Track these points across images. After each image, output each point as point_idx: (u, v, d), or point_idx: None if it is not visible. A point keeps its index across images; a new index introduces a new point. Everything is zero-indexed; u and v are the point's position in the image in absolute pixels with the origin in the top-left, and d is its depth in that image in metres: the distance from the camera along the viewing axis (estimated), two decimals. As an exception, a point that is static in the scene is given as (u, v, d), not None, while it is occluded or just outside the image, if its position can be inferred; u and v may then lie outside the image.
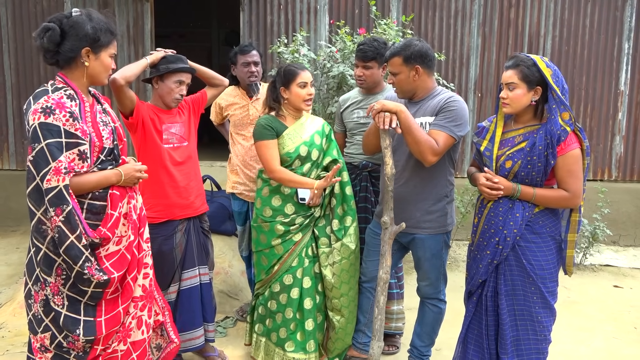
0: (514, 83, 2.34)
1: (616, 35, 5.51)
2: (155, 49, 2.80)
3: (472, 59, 5.55)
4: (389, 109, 2.46)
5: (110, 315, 2.05)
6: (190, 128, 2.86)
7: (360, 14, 5.44)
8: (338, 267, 2.83)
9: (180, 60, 2.72)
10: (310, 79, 2.77)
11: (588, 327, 3.75)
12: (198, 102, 2.93)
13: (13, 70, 5.51)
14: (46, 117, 1.89)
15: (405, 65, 2.59)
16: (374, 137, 2.65)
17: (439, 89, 2.71)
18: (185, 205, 2.80)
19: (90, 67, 2.02)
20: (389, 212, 2.50)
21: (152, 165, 2.68)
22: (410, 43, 2.62)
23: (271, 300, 2.85)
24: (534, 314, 2.43)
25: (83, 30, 1.97)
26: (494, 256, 2.43)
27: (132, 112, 2.66)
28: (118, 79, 2.53)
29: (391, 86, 2.81)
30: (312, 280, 2.85)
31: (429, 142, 2.50)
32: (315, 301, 2.86)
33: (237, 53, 3.33)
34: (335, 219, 2.85)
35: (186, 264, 2.83)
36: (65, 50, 1.99)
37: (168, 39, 7.20)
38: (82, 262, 1.92)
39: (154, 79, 2.73)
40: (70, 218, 1.89)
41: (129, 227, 2.11)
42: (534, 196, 2.35)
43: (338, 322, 2.91)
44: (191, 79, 2.81)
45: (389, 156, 2.48)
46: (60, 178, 1.88)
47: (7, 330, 3.35)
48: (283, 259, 2.80)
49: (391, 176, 2.48)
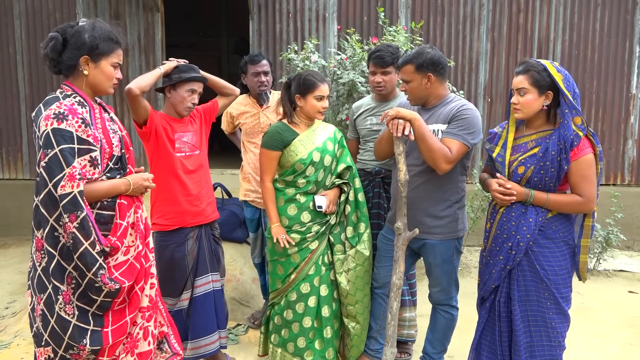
0: (524, 88, 2.33)
1: (627, 38, 5.48)
2: (168, 59, 2.83)
3: (482, 64, 5.54)
4: (403, 116, 2.47)
5: (117, 326, 2.02)
6: (202, 137, 2.89)
7: (369, 21, 5.47)
8: (353, 274, 2.83)
9: (193, 69, 2.76)
10: (327, 92, 2.77)
11: (603, 333, 3.70)
12: (209, 111, 2.96)
13: (27, 82, 5.60)
14: (59, 122, 1.89)
15: (417, 73, 2.60)
16: (387, 143, 2.66)
17: (451, 96, 2.71)
18: (197, 213, 2.82)
19: (89, 75, 2.02)
20: (402, 218, 2.50)
21: (165, 173, 2.71)
22: (423, 51, 2.62)
23: (287, 310, 2.82)
24: (548, 320, 2.41)
25: (81, 39, 1.98)
26: (507, 261, 2.42)
27: (146, 122, 2.69)
28: (133, 88, 2.56)
29: (403, 93, 2.82)
30: (329, 288, 2.84)
31: (442, 150, 2.50)
32: (332, 308, 2.85)
33: (248, 62, 3.36)
34: (350, 225, 2.85)
35: (199, 270, 2.85)
36: (66, 59, 2.00)
37: (178, 49, 7.27)
38: (96, 269, 1.91)
39: (167, 88, 2.76)
40: (85, 224, 1.88)
41: (136, 236, 2.10)
42: (547, 201, 2.34)
43: (353, 328, 2.90)
44: (203, 88, 2.84)
45: (402, 162, 2.48)
46: (74, 184, 1.88)
47: (22, 339, 3.38)
48: (300, 267, 2.79)
49: (405, 182, 2.48)
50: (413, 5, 5.46)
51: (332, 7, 5.46)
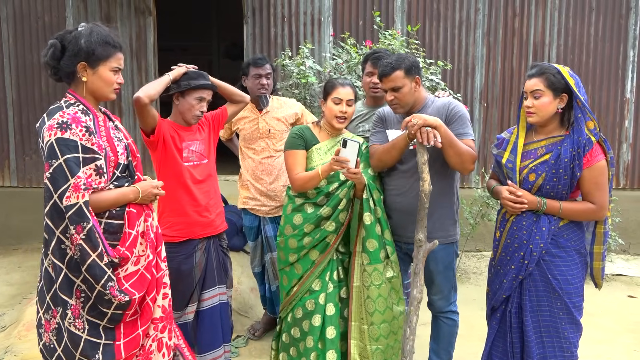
0: (539, 90, 2.28)
1: (621, 43, 5.50)
2: (178, 64, 2.72)
3: (477, 69, 5.52)
4: (430, 124, 2.40)
5: (129, 338, 1.98)
6: (210, 145, 2.80)
7: (365, 25, 5.42)
8: (385, 287, 2.60)
9: (202, 76, 2.67)
10: (347, 96, 2.68)
11: (606, 339, 3.67)
12: (218, 119, 2.88)
13: (14, 86, 5.44)
14: (63, 132, 1.85)
15: (407, 78, 2.57)
16: (399, 152, 2.58)
17: (428, 96, 2.72)
18: (206, 224, 2.74)
19: (88, 82, 1.98)
20: (424, 230, 2.42)
21: (172, 183, 2.62)
22: (404, 56, 2.63)
23: (294, 327, 2.70)
24: (561, 330, 2.36)
25: (78, 45, 1.94)
26: (519, 271, 2.37)
27: (154, 130, 2.61)
28: (142, 97, 2.47)
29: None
30: (336, 307, 2.66)
31: (469, 152, 2.51)
32: (338, 330, 2.65)
33: (250, 64, 3.30)
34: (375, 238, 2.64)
35: (206, 283, 2.76)
36: (64, 66, 1.96)
37: (171, 53, 7.16)
38: (105, 282, 1.87)
39: (175, 94, 2.66)
40: (92, 236, 1.84)
41: (146, 246, 2.05)
42: (560, 210, 2.29)
43: (372, 353, 2.61)
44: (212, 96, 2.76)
45: (426, 172, 2.40)
46: (80, 195, 1.83)
47: (13, 355, 3.25)
48: (302, 279, 2.69)
49: (429, 193, 2.40)
50: (409, 9, 5.42)
51: (327, 11, 5.40)
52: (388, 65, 2.57)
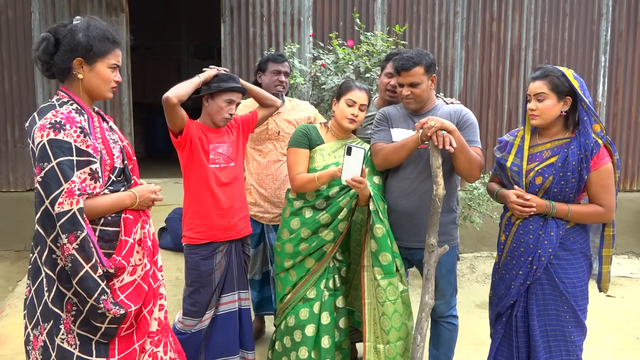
0: (543, 93, 2.27)
1: (593, 48, 5.65)
2: (209, 67, 2.66)
3: (457, 72, 5.55)
4: (447, 128, 2.35)
5: (124, 354, 1.85)
6: (238, 148, 2.73)
7: (345, 26, 5.36)
8: (400, 300, 2.52)
9: (232, 79, 2.62)
10: (361, 100, 2.62)
11: (592, 339, 3.70)
12: (248, 123, 2.82)
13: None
14: (56, 133, 1.70)
15: (426, 74, 2.56)
16: (408, 152, 2.52)
17: (439, 101, 2.72)
18: (228, 227, 2.66)
19: (85, 79, 1.84)
20: (435, 235, 2.37)
21: (197, 185, 2.60)
22: (424, 52, 2.60)
23: (286, 336, 2.61)
24: (567, 333, 2.35)
25: (75, 39, 1.79)
26: (527, 277, 2.34)
27: (182, 131, 2.55)
28: (171, 97, 2.42)
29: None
30: (332, 316, 2.60)
31: (478, 160, 2.49)
32: (334, 339, 2.60)
33: (269, 60, 3.17)
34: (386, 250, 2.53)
35: (226, 287, 2.69)
36: (58, 61, 1.81)
37: (136, 52, 6.91)
38: (98, 295, 1.72)
39: (204, 96, 2.61)
40: (85, 245, 1.69)
41: (143, 254, 1.91)
42: (569, 213, 2.28)
43: (376, 351, 2.52)
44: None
45: (440, 176, 2.35)
46: (73, 201, 1.68)
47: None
48: (296, 287, 2.61)
49: (442, 197, 2.35)
50: (389, 11, 5.40)
51: (307, 11, 5.31)
52: (410, 60, 2.52)
